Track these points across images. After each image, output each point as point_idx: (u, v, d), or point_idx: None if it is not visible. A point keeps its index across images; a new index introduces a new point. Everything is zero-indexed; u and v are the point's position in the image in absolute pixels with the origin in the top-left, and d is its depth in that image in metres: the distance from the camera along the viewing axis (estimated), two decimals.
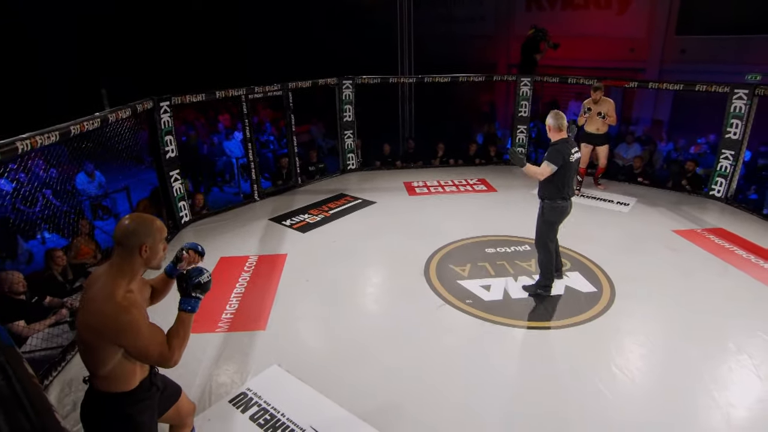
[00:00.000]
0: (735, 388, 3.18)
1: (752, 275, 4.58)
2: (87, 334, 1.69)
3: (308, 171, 7.65)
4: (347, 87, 7.65)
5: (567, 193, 3.91)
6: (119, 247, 1.72)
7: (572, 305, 4.08)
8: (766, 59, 9.00)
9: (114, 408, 1.79)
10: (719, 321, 3.88)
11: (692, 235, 5.48)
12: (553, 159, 3.78)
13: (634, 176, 7.46)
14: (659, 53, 10.61)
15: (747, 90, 6.21)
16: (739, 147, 6.41)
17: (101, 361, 1.72)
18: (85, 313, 1.70)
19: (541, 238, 4.07)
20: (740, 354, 3.49)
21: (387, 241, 5.34)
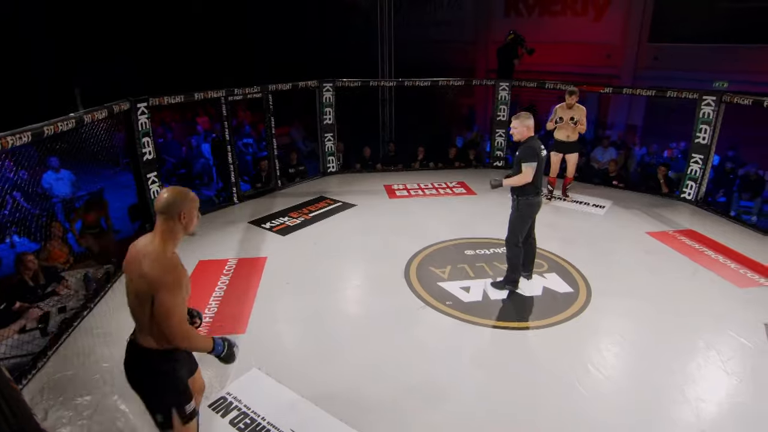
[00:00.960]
0: (704, 383, 3.30)
1: (721, 275, 4.76)
2: (140, 283, 1.92)
3: (288, 174, 7.62)
4: (327, 90, 7.66)
5: (539, 188, 4.05)
6: (162, 216, 1.99)
7: (550, 306, 4.16)
8: (733, 67, 9.38)
9: (159, 362, 2.02)
10: (689, 319, 4.01)
11: (664, 236, 5.65)
12: (530, 158, 3.90)
13: (609, 179, 7.65)
14: (633, 60, 10.93)
15: (714, 97, 6.45)
16: (707, 152, 6.64)
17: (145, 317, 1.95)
18: (139, 265, 1.92)
19: (513, 235, 4.18)
20: (709, 350, 3.62)
21: (367, 244, 5.36)
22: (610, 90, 7.69)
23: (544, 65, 10.30)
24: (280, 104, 7.14)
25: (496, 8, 12.48)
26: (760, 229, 6.05)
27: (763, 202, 7.31)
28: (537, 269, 4.76)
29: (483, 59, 12.65)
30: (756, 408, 3.09)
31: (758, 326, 3.92)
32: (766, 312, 4.12)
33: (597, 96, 10.69)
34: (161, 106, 5.70)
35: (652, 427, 2.95)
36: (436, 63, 11.20)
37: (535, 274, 4.66)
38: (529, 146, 3.93)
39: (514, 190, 4.10)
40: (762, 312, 4.12)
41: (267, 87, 6.77)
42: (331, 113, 7.80)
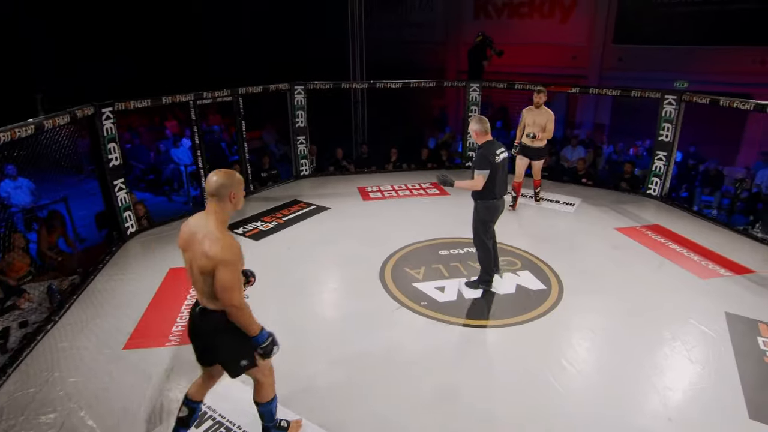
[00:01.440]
0: (671, 372, 3.42)
1: (685, 268, 4.94)
2: (205, 261, 2.17)
3: (260, 177, 7.55)
4: (299, 92, 7.63)
5: (498, 192, 4.11)
6: (214, 198, 2.23)
7: (524, 303, 4.24)
8: (693, 68, 9.77)
9: (225, 321, 2.30)
10: (656, 311, 4.15)
11: (632, 232, 5.83)
12: (482, 166, 3.98)
13: (579, 177, 7.85)
14: (599, 61, 11.24)
15: (675, 96, 6.69)
16: (670, 149, 6.88)
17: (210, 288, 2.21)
18: (201, 245, 2.17)
19: (478, 236, 4.25)
20: (675, 341, 3.75)
21: (342, 247, 5.35)
22: (578, 90, 7.90)
23: (514, 66, 10.49)
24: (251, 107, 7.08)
25: (465, 10, 12.65)
26: (720, 222, 6.31)
27: (722, 197, 7.63)
28: (510, 267, 4.86)
29: (454, 60, 12.79)
30: (717, 393, 3.23)
31: (719, 315, 4.09)
32: (727, 301, 4.30)
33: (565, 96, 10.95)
34: (128, 110, 5.57)
35: (623, 417, 3.04)
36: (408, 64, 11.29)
37: (508, 272, 4.76)
38: (482, 155, 3.99)
39: (473, 194, 4.18)
40: (722, 301, 4.30)
41: (237, 90, 6.70)
42: (303, 116, 7.77)
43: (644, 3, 10.32)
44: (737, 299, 4.35)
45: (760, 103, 5.63)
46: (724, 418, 3.05)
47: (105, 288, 4.53)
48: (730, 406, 3.13)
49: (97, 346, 3.67)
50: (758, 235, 5.80)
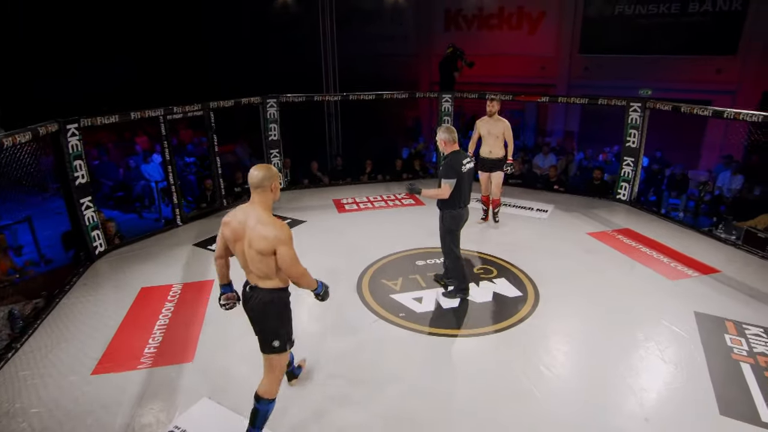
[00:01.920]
0: (646, 373, 3.49)
1: (655, 270, 5.08)
2: (264, 243, 2.50)
3: (234, 192, 7.47)
4: (271, 105, 7.60)
5: (463, 201, 4.18)
6: (258, 189, 2.57)
7: (501, 310, 4.28)
8: (656, 76, 10.15)
9: (280, 297, 2.69)
10: (630, 313, 4.25)
11: (604, 236, 5.97)
12: (449, 175, 4.03)
13: (551, 184, 8.01)
14: (567, 70, 11.57)
15: (640, 103, 6.93)
16: (637, 154, 7.10)
17: (270, 266, 2.56)
18: (256, 230, 2.51)
19: (446, 245, 4.30)
20: (648, 342, 3.84)
21: (318, 260, 5.30)
22: (547, 99, 8.09)
23: (485, 77, 10.69)
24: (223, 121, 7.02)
25: (436, 23, 12.86)
26: (686, 224, 6.52)
27: (687, 200, 7.89)
28: (486, 275, 4.91)
29: (426, 72, 12.95)
30: (690, 391, 3.31)
31: (689, 315, 4.21)
32: (695, 301, 4.43)
33: (536, 105, 11.21)
34: (95, 126, 5.44)
35: (602, 419, 3.08)
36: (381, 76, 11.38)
37: (485, 279, 4.81)
38: (449, 164, 4.05)
39: (439, 203, 4.23)
40: (691, 301, 4.43)
41: (208, 105, 6.63)
42: (276, 129, 7.74)
43: (607, 14, 10.72)
44: (705, 299, 4.49)
45: (717, 110, 5.88)
46: (697, 415, 3.12)
47: (72, 311, 4.38)
48: (702, 403, 3.21)
49: (63, 373, 3.53)
50: (722, 236, 6.02)
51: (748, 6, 9.29)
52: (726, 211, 6.94)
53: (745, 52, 9.48)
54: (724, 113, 5.73)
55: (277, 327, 2.72)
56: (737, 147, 8.24)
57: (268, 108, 7.58)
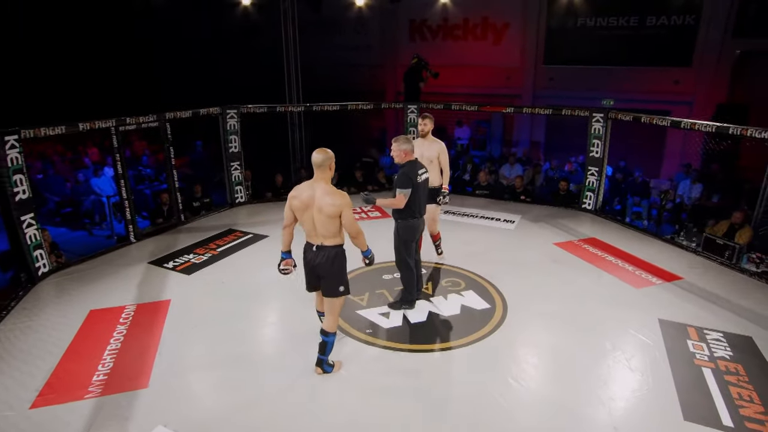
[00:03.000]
0: (613, 383, 3.59)
1: (621, 278, 5.25)
2: (333, 208, 3.26)
3: (192, 207, 7.34)
4: (231, 116, 7.52)
5: (418, 212, 4.26)
6: (320, 168, 3.33)
7: (469, 323, 4.33)
8: (617, 87, 10.60)
9: (343, 252, 3.48)
10: (597, 323, 4.37)
11: (570, 246, 6.14)
12: (404, 184, 4.11)
13: (517, 195, 8.20)
14: (531, 81, 11.94)
15: (602, 114, 7.19)
16: (601, 164, 7.36)
17: (334, 227, 3.34)
18: (324, 199, 3.27)
19: (400, 256, 4.36)
20: (615, 351, 3.95)
21: (281, 277, 5.17)
22: (512, 110, 8.30)
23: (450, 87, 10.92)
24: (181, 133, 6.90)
25: (401, 33, 13.08)
26: (650, 232, 6.80)
27: (650, 207, 8.23)
28: (454, 288, 4.96)
29: (392, 82, 13.13)
30: (656, 398, 3.43)
31: (654, 322, 4.36)
32: (659, 308, 4.61)
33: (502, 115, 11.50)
34: (38, 138, 5.24)
35: (572, 430, 3.14)
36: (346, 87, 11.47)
37: (452, 292, 4.86)
38: (405, 173, 4.13)
39: (394, 213, 4.30)
40: (656, 309, 4.59)
41: (164, 115, 6.50)
42: (236, 141, 7.65)
43: (569, 25, 11.15)
44: (668, 305, 4.67)
45: (675, 120, 6.20)
46: (662, 421, 3.23)
47: (8, 338, 4.16)
48: (668, 409, 3.32)
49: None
50: (683, 243, 6.30)
51: (700, 20, 9.87)
52: (687, 218, 7.27)
53: (699, 64, 10.03)
54: (681, 123, 6.04)
55: (341, 274, 3.49)
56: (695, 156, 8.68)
57: (228, 119, 7.50)
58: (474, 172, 9.38)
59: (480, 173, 8.80)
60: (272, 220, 7.15)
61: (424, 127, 5.11)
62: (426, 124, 5.10)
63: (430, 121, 5.11)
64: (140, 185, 8.38)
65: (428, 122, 5.10)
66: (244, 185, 7.90)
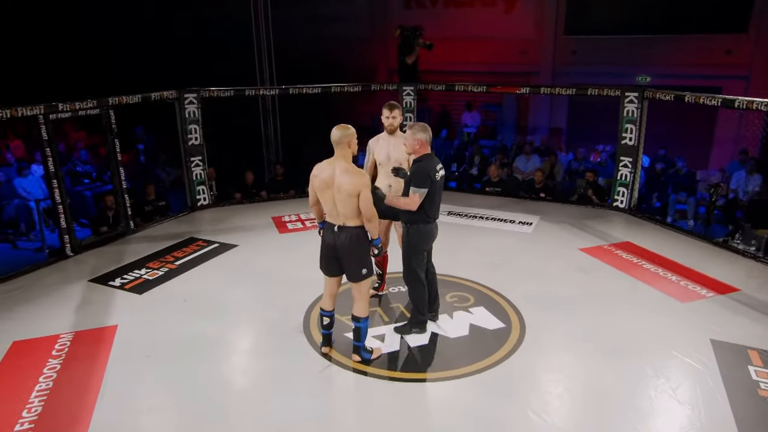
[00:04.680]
0: (657, 417, 3.54)
1: (662, 290, 5.23)
2: (351, 187, 3.64)
3: (144, 212, 7.31)
4: (191, 102, 7.47)
5: (434, 215, 4.22)
6: (339, 145, 3.72)
7: (480, 346, 4.28)
8: (656, 60, 10.52)
9: (365, 233, 3.84)
10: (634, 344, 4.32)
11: (599, 252, 6.12)
12: (421, 183, 4.03)
13: (536, 191, 8.19)
14: (551, 55, 11.96)
15: (637, 93, 7.19)
16: (636, 153, 7.35)
17: (355, 206, 3.70)
18: (344, 177, 3.66)
19: (409, 268, 4.30)
20: (658, 378, 3.91)
21: (255, 293, 5.24)
22: (527, 90, 8.30)
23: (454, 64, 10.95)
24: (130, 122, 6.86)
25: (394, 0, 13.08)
26: (697, 234, 6.77)
27: (698, 205, 8.21)
28: (461, 304, 4.93)
29: (383, 59, 13.13)
30: None
31: (704, 343, 4.32)
32: (711, 327, 4.57)
33: (515, 98, 11.51)
34: None
35: None
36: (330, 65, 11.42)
37: (459, 309, 4.82)
38: (421, 167, 4.06)
39: (404, 216, 4.23)
40: (707, 327, 4.56)
41: (107, 100, 6.44)
42: (197, 131, 7.61)
43: None
44: (723, 323, 4.63)
45: (727, 98, 6.13)
46: None
47: None
48: None
49: None
50: (739, 247, 6.26)
51: None
52: (743, 217, 7.23)
53: (757, 30, 9.81)
54: (735, 102, 5.98)
55: (364, 256, 3.89)
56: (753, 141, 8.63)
57: (186, 105, 7.45)
58: (483, 165, 9.37)
59: (490, 167, 8.81)
60: (242, 226, 7.09)
61: (392, 120, 4.66)
62: (394, 116, 4.65)
63: (398, 112, 4.69)
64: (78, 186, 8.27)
65: (397, 113, 4.67)
66: (207, 185, 7.85)
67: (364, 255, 3.88)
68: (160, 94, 7.16)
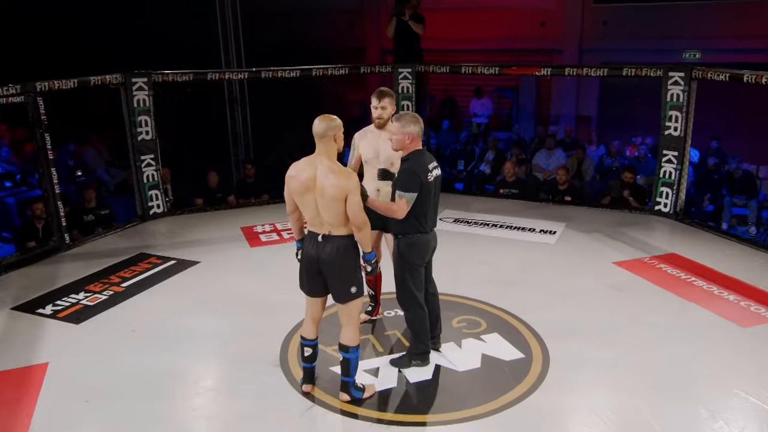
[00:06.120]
0: None
1: (717, 312, 5.21)
2: (335, 191, 3.62)
3: (83, 222, 7.30)
4: (140, 88, 7.47)
5: (429, 224, 4.21)
6: (323, 139, 3.70)
7: (494, 382, 4.26)
8: (707, 32, 10.50)
9: (350, 242, 3.83)
10: (684, 379, 4.30)
11: (638, 266, 6.13)
12: (408, 185, 4.01)
13: (560, 193, 8.23)
14: (577, 28, 11.98)
15: (683, 72, 7.19)
16: (682, 146, 7.36)
17: (342, 212, 3.68)
18: (328, 179, 3.63)
19: (404, 288, 4.28)
20: (715, 421, 3.88)
21: (221, 321, 5.23)
22: (549, 71, 8.31)
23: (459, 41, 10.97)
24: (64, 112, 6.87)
25: None
26: (761, 245, 6.77)
27: (760, 208, 8.21)
28: (471, 330, 4.93)
29: (375, 36, 13.17)
30: None
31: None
32: None
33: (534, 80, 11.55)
34: None
35: None
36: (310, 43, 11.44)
37: (469, 336, 4.82)
38: (410, 170, 4.03)
39: (393, 225, 4.24)
40: None
41: (33, 86, 6.44)
42: (149, 124, 7.62)
43: None
44: None
45: None
46: None
47: None
48: None
49: None
50: None
51: None
52: None
53: None
54: None
55: (353, 272, 3.88)
56: None
57: (134, 91, 7.46)
58: (497, 162, 9.38)
59: (505, 164, 8.83)
60: (205, 239, 7.10)
61: (380, 111, 4.60)
62: (383, 105, 4.59)
63: (390, 102, 4.62)
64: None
65: (387, 103, 4.61)
66: (161, 189, 7.86)
67: (353, 270, 3.87)
68: (101, 78, 7.15)
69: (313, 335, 4.13)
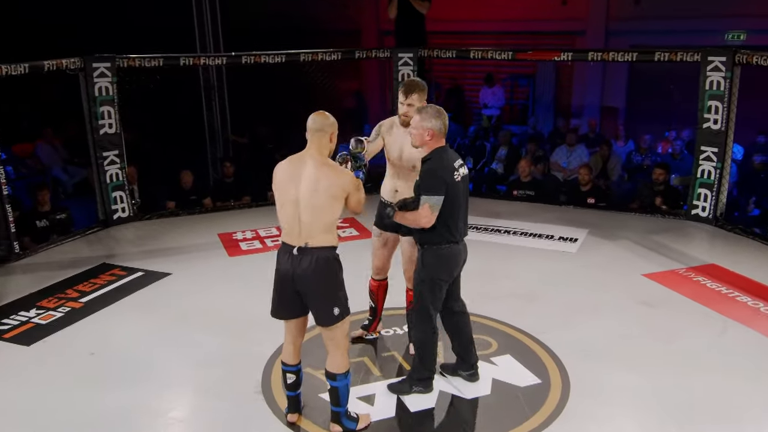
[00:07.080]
0: None
1: (763, 332, 5.20)
2: (334, 189, 3.67)
3: (35, 228, 7.30)
4: (102, 74, 7.48)
5: (460, 232, 4.19)
6: (318, 133, 3.74)
7: (506, 411, 4.26)
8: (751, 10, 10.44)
9: (331, 254, 3.79)
10: (726, 409, 4.29)
11: (672, 278, 6.14)
12: (433, 189, 3.99)
13: (582, 195, 8.24)
14: (603, 7, 11.99)
15: (725, 57, 7.17)
16: (723, 141, 7.36)
17: (331, 216, 3.74)
18: (321, 171, 3.67)
19: (420, 304, 4.27)
20: None
21: (195, 342, 5.23)
22: (570, 56, 8.33)
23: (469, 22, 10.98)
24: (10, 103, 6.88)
25: None
26: None
27: None
28: (482, 350, 4.88)
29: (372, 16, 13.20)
30: None
31: None
32: None
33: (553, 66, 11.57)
34: None
35: None
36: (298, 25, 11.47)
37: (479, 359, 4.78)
38: (432, 168, 4.05)
39: (417, 235, 4.24)
40: None
41: None
42: (112, 115, 7.63)
43: None
44: None
45: None
46: None
47: None
48: None
49: None
50: None
51: None
52: None
53: None
54: None
55: (335, 290, 3.82)
56: None
57: (96, 78, 7.47)
58: (510, 159, 9.38)
59: (520, 162, 8.86)
60: (178, 247, 7.12)
61: (408, 108, 4.58)
62: (412, 102, 4.56)
63: (419, 98, 4.58)
64: None
65: (416, 100, 4.57)
66: (127, 190, 7.88)
67: (335, 288, 3.81)
68: (57, 63, 7.14)
69: (294, 360, 4.09)
